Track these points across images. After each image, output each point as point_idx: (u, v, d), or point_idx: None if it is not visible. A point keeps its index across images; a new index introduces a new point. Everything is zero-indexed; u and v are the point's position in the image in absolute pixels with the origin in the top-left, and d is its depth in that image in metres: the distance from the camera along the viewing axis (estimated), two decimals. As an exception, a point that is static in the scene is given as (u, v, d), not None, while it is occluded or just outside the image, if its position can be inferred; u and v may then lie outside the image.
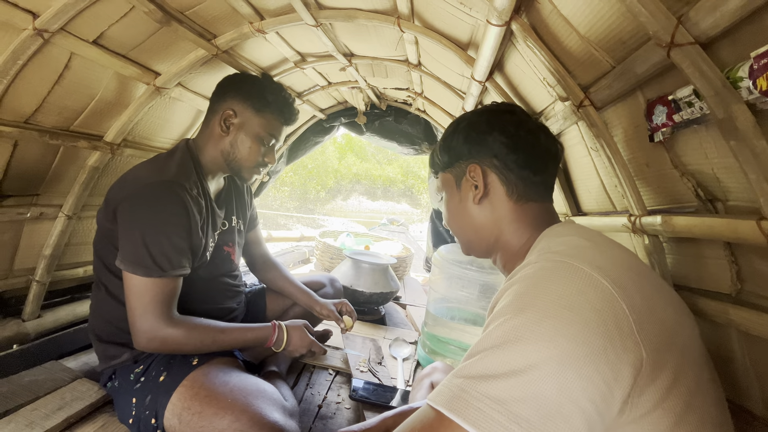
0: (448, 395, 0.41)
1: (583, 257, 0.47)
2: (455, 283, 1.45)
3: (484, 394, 0.39)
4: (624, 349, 0.40)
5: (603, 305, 0.42)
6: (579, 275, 0.44)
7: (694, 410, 0.43)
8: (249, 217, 1.30)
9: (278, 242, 3.96)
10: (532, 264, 0.49)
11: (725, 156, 0.57)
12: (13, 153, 1.05)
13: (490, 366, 0.40)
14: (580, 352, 0.39)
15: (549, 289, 0.44)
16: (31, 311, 1.28)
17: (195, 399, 0.85)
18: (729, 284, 0.65)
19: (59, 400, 0.96)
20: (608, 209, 0.96)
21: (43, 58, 0.94)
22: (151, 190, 0.90)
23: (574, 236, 0.54)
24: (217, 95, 1.06)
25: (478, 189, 0.65)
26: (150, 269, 0.87)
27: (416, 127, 2.39)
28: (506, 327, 0.42)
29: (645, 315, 0.43)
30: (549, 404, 0.37)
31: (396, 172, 18.18)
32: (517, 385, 0.38)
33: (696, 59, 0.50)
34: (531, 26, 0.83)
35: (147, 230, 0.88)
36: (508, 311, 0.44)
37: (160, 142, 1.52)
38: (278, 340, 1.05)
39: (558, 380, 0.38)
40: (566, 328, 0.40)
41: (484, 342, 0.43)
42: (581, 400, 0.38)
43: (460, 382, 0.41)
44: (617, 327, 0.41)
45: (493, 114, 0.69)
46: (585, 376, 0.38)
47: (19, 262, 1.25)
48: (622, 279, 0.45)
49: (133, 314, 0.88)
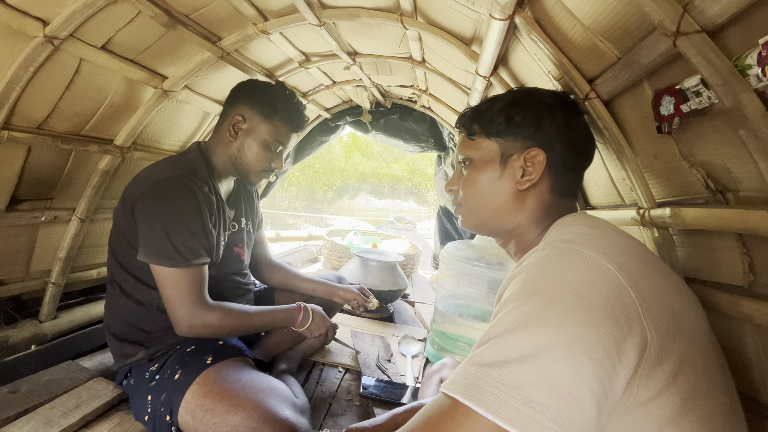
0: (462, 383, 0.41)
1: (589, 244, 0.47)
2: (463, 280, 1.44)
3: (497, 379, 0.39)
4: (630, 331, 0.41)
5: (609, 289, 0.43)
6: (585, 261, 0.45)
7: (701, 396, 0.43)
8: (258, 219, 1.32)
9: (286, 242, 3.99)
10: (539, 251, 0.50)
11: (735, 146, 0.56)
12: (27, 158, 1.08)
13: (502, 352, 0.41)
14: (589, 335, 0.39)
15: (556, 275, 0.44)
16: (47, 312, 1.31)
17: (208, 396, 0.86)
18: (741, 276, 0.64)
19: (76, 398, 0.98)
20: (617, 202, 0.95)
21: (54, 64, 0.96)
22: (165, 184, 0.94)
23: (581, 225, 0.55)
24: (229, 100, 1.09)
25: (530, 176, 0.63)
26: (176, 260, 0.91)
27: (422, 125, 2.38)
28: (516, 313, 0.43)
29: (651, 299, 0.44)
30: (562, 387, 0.38)
31: (402, 170, 18.15)
32: (529, 369, 0.39)
33: (703, 48, 0.49)
34: (535, 19, 0.82)
35: (167, 223, 0.91)
36: (517, 298, 0.44)
37: (169, 144, 1.54)
38: (303, 319, 1.15)
39: (569, 363, 0.38)
40: (574, 313, 0.40)
41: (495, 329, 0.44)
42: (592, 382, 0.38)
43: (474, 370, 0.41)
44: (624, 310, 0.42)
45: (567, 105, 0.67)
46: (595, 358, 0.39)
47: (35, 264, 1.28)
48: (627, 264, 0.45)
49: (172, 304, 0.93)
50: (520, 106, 0.65)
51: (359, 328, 1.72)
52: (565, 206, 0.66)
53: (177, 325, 0.94)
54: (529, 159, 0.63)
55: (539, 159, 0.62)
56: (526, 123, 0.63)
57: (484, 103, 0.69)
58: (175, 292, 0.92)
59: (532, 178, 0.63)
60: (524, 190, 0.63)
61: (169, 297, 0.93)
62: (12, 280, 1.24)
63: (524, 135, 0.63)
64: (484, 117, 0.66)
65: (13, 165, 1.06)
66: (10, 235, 1.17)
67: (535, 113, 0.64)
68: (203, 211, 0.97)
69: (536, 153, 0.62)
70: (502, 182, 0.64)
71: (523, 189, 0.63)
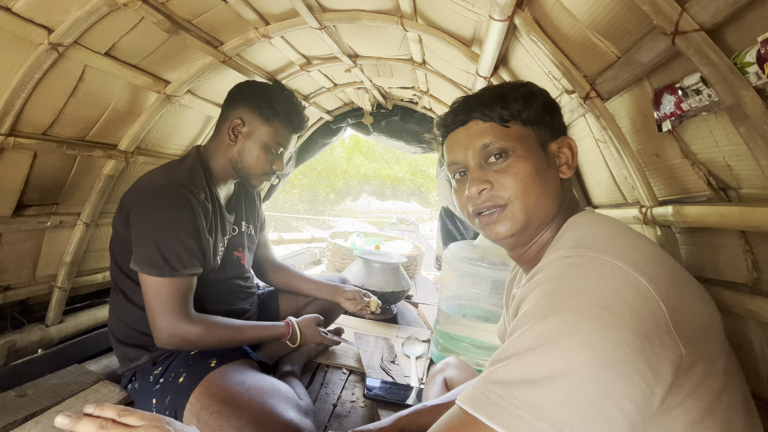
0: (485, 402, 0.39)
1: (616, 253, 0.44)
2: (466, 281, 1.44)
3: (523, 401, 0.37)
4: (662, 347, 0.40)
5: (641, 304, 0.41)
6: (615, 273, 0.42)
7: (723, 399, 0.43)
8: (260, 221, 1.33)
9: (289, 244, 4.00)
10: (560, 259, 0.46)
11: (736, 143, 0.56)
12: (32, 164, 1.09)
13: (527, 370, 0.39)
14: (620, 353, 0.38)
15: (585, 288, 0.42)
16: (54, 316, 1.32)
17: (213, 399, 0.87)
18: (745, 274, 0.63)
19: (83, 401, 0.99)
20: (619, 201, 0.95)
21: (59, 71, 0.97)
22: (159, 193, 0.93)
23: (601, 227, 0.52)
24: (227, 104, 1.08)
25: (570, 163, 0.62)
26: (162, 269, 0.90)
27: (423, 126, 2.39)
28: (541, 328, 0.41)
29: (679, 311, 0.42)
30: (591, 408, 0.36)
31: (404, 172, 18.15)
32: (557, 390, 0.37)
33: (702, 46, 0.49)
34: (534, 20, 0.83)
35: (158, 232, 0.91)
36: (542, 311, 0.42)
37: (172, 149, 1.55)
38: (292, 336, 1.12)
39: (599, 383, 0.37)
40: (605, 330, 0.38)
41: (518, 343, 0.41)
42: (623, 402, 0.37)
43: (497, 389, 0.39)
44: (655, 325, 0.40)
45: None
46: (626, 377, 0.38)
47: (41, 269, 1.29)
48: (656, 275, 0.43)
49: (153, 313, 0.91)
50: (542, 94, 0.63)
51: (363, 330, 1.72)
52: (575, 197, 0.66)
53: (156, 336, 0.92)
54: (563, 146, 0.61)
55: (573, 145, 0.62)
56: (553, 111, 0.63)
57: (495, 90, 0.63)
58: (155, 302, 0.91)
59: (573, 164, 0.61)
60: (563, 180, 0.62)
61: (150, 307, 0.91)
62: (19, 285, 1.25)
63: (552, 124, 0.63)
64: (515, 103, 0.60)
65: (19, 171, 1.08)
66: (17, 240, 1.18)
67: (552, 101, 0.64)
68: (198, 219, 0.96)
69: (569, 140, 0.62)
70: (551, 171, 0.60)
71: (565, 177, 0.61)
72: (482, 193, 0.60)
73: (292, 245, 3.95)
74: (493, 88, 0.65)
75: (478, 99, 0.63)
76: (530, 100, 0.61)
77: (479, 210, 0.61)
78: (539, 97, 0.63)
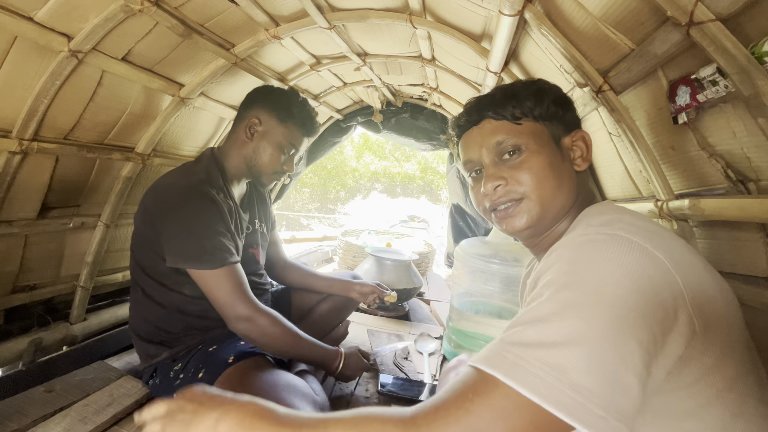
0: (502, 361, 0.40)
1: (636, 233, 0.45)
2: (478, 277, 1.44)
3: (543, 361, 0.38)
4: (676, 320, 0.41)
5: (660, 277, 0.41)
6: (635, 248, 0.43)
7: (735, 387, 0.43)
8: (271, 221, 1.35)
9: (301, 243, 4.04)
10: (579, 236, 0.47)
11: (754, 134, 0.55)
12: (55, 168, 1.13)
13: (548, 333, 0.39)
14: (641, 322, 0.39)
15: (604, 259, 0.42)
16: (77, 315, 1.37)
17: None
18: (765, 267, 0.62)
19: (108, 397, 1.02)
20: (633, 195, 0.94)
21: (78, 77, 1.00)
22: (185, 193, 0.97)
23: (619, 214, 0.52)
24: (245, 104, 1.13)
25: (585, 155, 0.62)
26: (212, 261, 0.93)
27: (433, 123, 2.38)
28: (563, 297, 0.41)
29: (697, 291, 0.43)
30: (610, 373, 0.37)
31: (414, 169, 18.10)
32: (578, 353, 0.38)
33: (717, 37, 0.49)
34: (545, 13, 0.82)
35: (194, 227, 0.94)
36: (563, 280, 0.43)
37: (187, 150, 1.58)
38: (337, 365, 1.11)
39: (620, 349, 0.38)
40: (626, 298, 0.39)
41: (538, 310, 0.42)
42: (639, 368, 0.38)
43: (516, 349, 0.40)
44: (673, 298, 0.41)
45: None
46: (644, 343, 0.38)
47: (65, 269, 1.34)
48: (675, 255, 0.44)
49: (221, 305, 0.94)
50: (554, 90, 0.64)
51: (376, 327, 1.74)
52: (591, 190, 0.66)
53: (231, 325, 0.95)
54: (577, 140, 0.62)
55: (587, 139, 0.63)
56: (565, 106, 0.64)
57: (507, 88, 0.65)
58: (220, 294, 0.94)
59: (588, 158, 0.62)
60: (579, 172, 0.62)
61: (216, 299, 0.94)
62: (44, 284, 1.30)
63: (565, 118, 0.63)
64: (526, 100, 0.62)
65: (43, 174, 1.12)
66: (42, 242, 1.22)
67: (566, 97, 0.65)
68: (224, 215, 1.00)
69: (583, 133, 0.63)
70: (565, 165, 0.61)
71: (580, 170, 0.62)
72: (498, 188, 0.61)
73: (304, 244, 3.99)
74: (505, 87, 0.66)
75: (490, 98, 0.64)
76: (541, 97, 0.62)
77: (495, 205, 0.62)
78: (550, 93, 0.63)
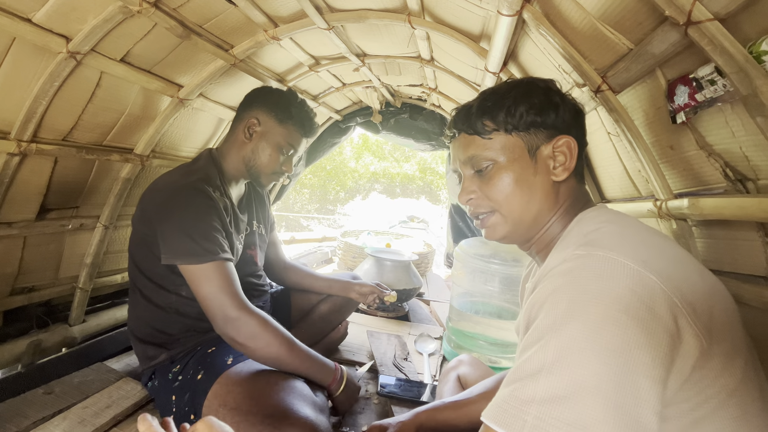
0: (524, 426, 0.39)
1: (625, 250, 0.44)
2: (478, 277, 1.44)
3: (561, 420, 0.37)
4: (681, 342, 0.40)
5: (655, 302, 0.40)
6: (626, 272, 0.42)
7: (738, 394, 0.43)
8: (270, 222, 1.35)
9: (301, 244, 4.04)
10: (569, 260, 0.46)
11: (753, 133, 0.55)
12: (53, 169, 1.13)
13: (558, 385, 0.39)
14: (647, 356, 0.38)
15: (599, 292, 0.41)
16: (76, 316, 1.37)
17: (230, 395, 0.89)
18: (764, 266, 0.62)
19: (107, 398, 1.02)
20: (633, 195, 0.94)
21: (77, 78, 1.00)
22: (182, 191, 0.97)
23: (610, 224, 0.51)
24: (244, 105, 1.13)
25: (565, 164, 0.59)
26: (201, 256, 0.92)
27: (432, 123, 2.38)
28: (564, 339, 0.40)
29: (697, 306, 0.42)
30: (629, 417, 0.37)
31: (413, 169, 18.11)
32: (593, 403, 0.37)
33: (716, 36, 0.49)
34: (543, 13, 0.82)
35: (187, 224, 0.93)
36: (561, 320, 0.42)
37: (186, 151, 1.58)
38: (337, 385, 1.03)
39: (635, 391, 0.37)
40: (627, 334, 0.38)
41: (542, 356, 0.41)
42: (655, 404, 0.38)
43: (534, 410, 0.39)
44: (674, 322, 0.40)
45: (557, 88, 0.64)
46: (657, 379, 0.38)
47: (64, 271, 1.34)
48: (668, 271, 0.43)
49: (209, 304, 0.91)
50: (533, 94, 0.61)
51: (375, 328, 1.73)
52: (585, 193, 0.64)
53: (215, 324, 0.91)
54: (558, 147, 0.59)
55: (571, 145, 0.59)
56: (546, 111, 0.60)
57: (485, 99, 0.63)
58: (207, 290, 0.91)
59: (569, 166, 0.59)
60: (559, 181, 0.60)
61: (202, 296, 0.92)
62: (43, 286, 1.29)
63: (546, 124, 0.60)
64: (499, 112, 0.60)
65: (42, 176, 1.11)
66: (40, 243, 1.22)
67: (549, 99, 0.60)
68: (221, 214, 1.00)
69: (567, 140, 0.59)
70: (538, 177, 0.60)
71: (559, 180, 0.60)
72: (470, 201, 0.65)
73: (303, 244, 3.99)
74: (481, 98, 0.64)
75: (464, 113, 0.65)
76: (516, 107, 0.60)
77: (473, 215, 0.67)
78: (530, 99, 0.60)
